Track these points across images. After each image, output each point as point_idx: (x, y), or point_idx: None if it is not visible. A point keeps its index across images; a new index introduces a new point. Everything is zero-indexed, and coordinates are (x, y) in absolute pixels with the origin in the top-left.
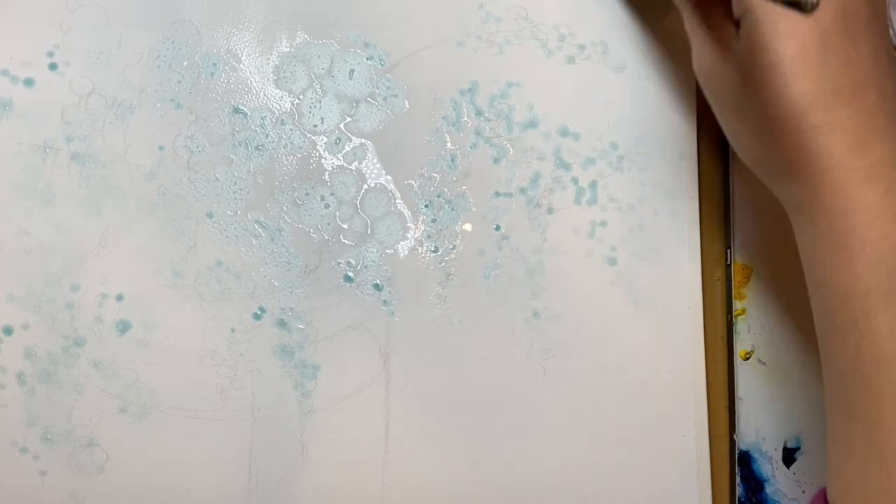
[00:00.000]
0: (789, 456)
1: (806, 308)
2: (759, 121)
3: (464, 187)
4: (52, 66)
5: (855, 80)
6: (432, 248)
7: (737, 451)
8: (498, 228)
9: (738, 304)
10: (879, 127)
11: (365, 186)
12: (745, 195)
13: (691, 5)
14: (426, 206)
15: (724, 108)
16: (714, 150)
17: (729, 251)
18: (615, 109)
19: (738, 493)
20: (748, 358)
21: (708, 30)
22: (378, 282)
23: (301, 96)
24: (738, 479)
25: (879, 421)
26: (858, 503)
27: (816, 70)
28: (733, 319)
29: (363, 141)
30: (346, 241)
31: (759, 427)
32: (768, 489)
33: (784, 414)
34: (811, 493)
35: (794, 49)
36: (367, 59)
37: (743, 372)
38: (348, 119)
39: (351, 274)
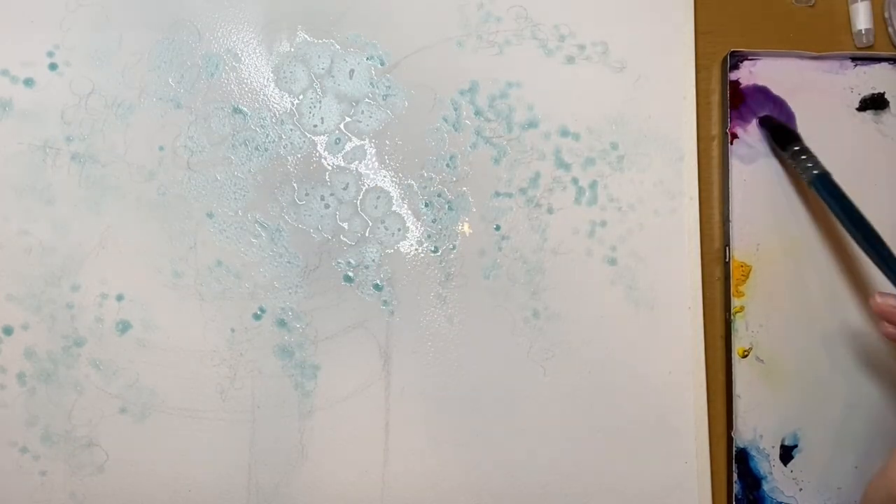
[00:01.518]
0: (787, 453)
1: (804, 306)
2: None
3: (464, 187)
4: (52, 66)
5: None
6: (432, 249)
7: (734, 449)
8: (498, 228)
9: (736, 302)
10: None
11: (365, 186)
12: (745, 195)
13: None
14: (426, 206)
15: None
16: (714, 150)
17: (727, 248)
18: (615, 109)
19: (735, 491)
20: (746, 355)
21: None
22: (378, 282)
23: (301, 96)
24: (735, 476)
25: None
26: None
27: None
28: (731, 317)
29: (363, 141)
30: (347, 241)
31: (757, 424)
32: (765, 486)
33: (782, 411)
34: (808, 491)
35: None
36: (367, 59)
37: (741, 369)
38: (348, 119)
39: (351, 274)
